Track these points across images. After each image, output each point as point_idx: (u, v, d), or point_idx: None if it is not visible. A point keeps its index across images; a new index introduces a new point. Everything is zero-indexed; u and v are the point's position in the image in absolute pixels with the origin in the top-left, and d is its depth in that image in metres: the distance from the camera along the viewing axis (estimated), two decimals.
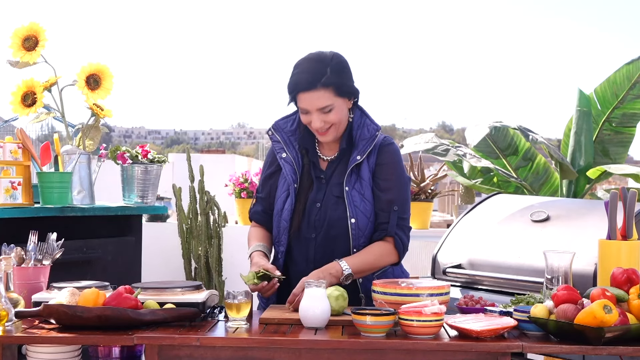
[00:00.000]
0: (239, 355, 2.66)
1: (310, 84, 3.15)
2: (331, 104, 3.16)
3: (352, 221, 3.23)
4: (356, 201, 3.23)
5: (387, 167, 3.27)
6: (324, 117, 3.17)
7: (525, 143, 6.28)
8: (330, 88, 3.15)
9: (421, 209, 6.04)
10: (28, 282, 3.13)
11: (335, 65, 3.18)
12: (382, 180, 3.26)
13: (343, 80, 3.19)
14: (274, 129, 3.38)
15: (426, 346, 2.58)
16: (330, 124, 3.19)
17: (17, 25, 4.16)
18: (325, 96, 3.15)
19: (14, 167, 3.97)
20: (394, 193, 3.27)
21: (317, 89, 3.14)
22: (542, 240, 3.64)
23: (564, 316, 2.57)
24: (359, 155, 3.24)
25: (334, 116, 3.18)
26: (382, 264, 3.27)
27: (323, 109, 3.16)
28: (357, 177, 3.25)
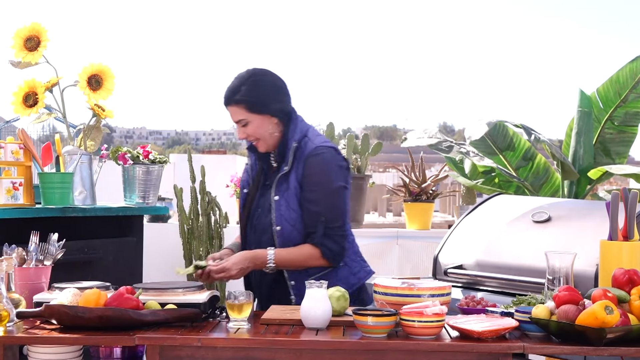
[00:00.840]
0: (240, 355, 2.66)
1: (226, 100, 3.42)
2: (244, 119, 3.39)
3: (277, 228, 3.40)
4: (282, 209, 3.40)
5: (311, 177, 3.39)
6: (243, 130, 3.41)
7: (525, 142, 6.28)
8: (242, 105, 3.37)
9: (422, 210, 6.05)
10: (29, 283, 3.13)
11: (250, 84, 3.39)
12: (308, 192, 3.39)
13: (257, 98, 3.38)
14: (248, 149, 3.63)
15: (427, 347, 2.58)
16: (252, 136, 3.41)
17: (19, 26, 4.16)
18: (239, 112, 3.39)
19: (15, 167, 3.97)
20: (320, 204, 3.38)
21: (231, 105, 3.40)
22: (543, 241, 3.64)
23: (566, 317, 2.56)
24: (286, 165, 3.42)
25: (251, 130, 3.40)
26: (310, 265, 3.39)
27: (239, 122, 3.40)
28: (287, 187, 3.41)
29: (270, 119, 3.40)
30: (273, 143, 3.44)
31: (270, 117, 3.40)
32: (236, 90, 3.38)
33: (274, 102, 3.41)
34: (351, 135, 6.04)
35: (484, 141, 6.18)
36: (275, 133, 3.43)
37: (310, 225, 3.37)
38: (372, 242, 5.88)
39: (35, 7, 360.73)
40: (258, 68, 3.48)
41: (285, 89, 3.48)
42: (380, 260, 5.86)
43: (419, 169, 6.16)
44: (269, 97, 3.40)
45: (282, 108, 3.43)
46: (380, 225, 7.33)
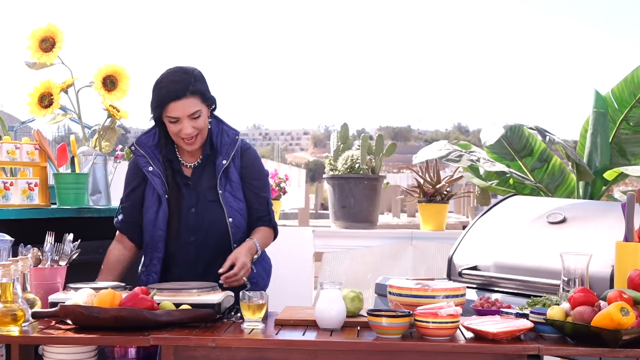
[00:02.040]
0: (254, 356, 2.66)
1: (180, 92, 3.37)
2: (199, 110, 3.40)
3: (229, 220, 3.50)
4: (230, 202, 3.51)
5: (252, 168, 3.60)
6: (193, 123, 3.39)
7: (541, 144, 6.25)
8: (198, 95, 3.40)
9: (437, 211, 6.03)
10: (44, 283, 3.14)
11: (197, 76, 3.44)
12: (254, 180, 3.60)
13: (205, 88, 3.46)
14: (137, 145, 3.59)
15: (442, 348, 2.58)
16: (198, 130, 3.41)
17: (34, 27, 4.17)
18: (194, 102, 3.39)
19: (30, 168, 3.99)
20: (266, 190, 3.65)
21: (187, 96, 3.37)
22: (558, 242, 3.62)
23: (581, 318, 2.55)
24: (224, 159, 3.51)
25: (201, 122, 3.42)
26: (269, 243, 3.67)
27: (193, 115, 3.38)
28: (227, 180, 3.52)
29: (208, 111, 3.48)
30: (205, 136, 3.50)
31: (208, 108, 3.48)
32: (189, 81, 3.39)
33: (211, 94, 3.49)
34: (365, 136, 6.03)
35: (499, 143, 6.16)
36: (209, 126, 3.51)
37: (260, 210, 3.60)
38: (386, 243, 5.87)
39: (50, 8, 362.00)
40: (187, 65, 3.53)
41: None
42: (394, 261, 5.85)
43: (434, 169, 6.15)
44: (209, 90, 3.49)
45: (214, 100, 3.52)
46: (395, 226, 7.34)
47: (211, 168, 3.52)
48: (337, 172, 6.00)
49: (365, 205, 5.98)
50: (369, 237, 5.92)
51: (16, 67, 5.84)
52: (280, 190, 5.81)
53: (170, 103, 3.36)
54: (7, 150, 3.86)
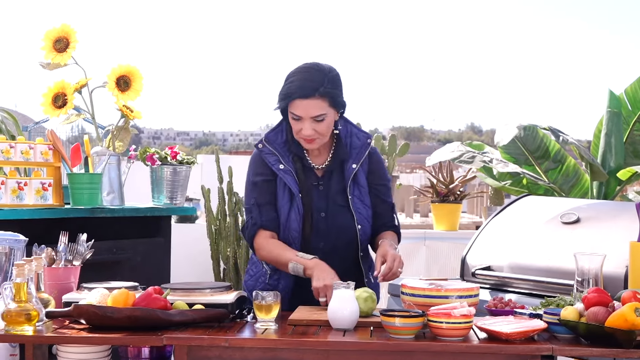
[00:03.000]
0: (267, 356, 2.67)
1: (309, 92, 3.22)
2: (324, 114, 3.25)
3: (358, 227, 3.39)
4: (359, 208, 3.39)
5: (379, 172, 3.48)
6: (315, 126, 3.25)
7: (555, 145, 6.24)
8: (326, 98, 3.24)
9: (450, 211, 6.03)
10: (58, 283, 3.15)
11: (332, 77, 3.29)
12: (380, 186, 3.47)
13: (337, 92, 3.30)
14: (266, 142, 3.43)
15: (455, 348, 2.57)
16: (319, 134, 3.28)
17: (48, 27, 4.19)
18: (320, 105, 3.24)
19: (44, 168, 4.01)
20: (390, 195, 3.52)
21: (315, 97, 3.22)
22: (572, 243, 3.62)
23: (595, 319, 2.55)
24: (354, 163, 3.38)
25: (324, 126, 3.27)
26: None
27: (316, 117, 3.24)
28: (356, 185, 3.40)
29: (336, 115, 3.34)
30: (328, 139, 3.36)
31: (336, 113, 3.33)
32: (321, 82, 3.23)
33: (343, 97, 3.35)
34: (378, 136, 6.04)
35: (514, 144, 6.15)
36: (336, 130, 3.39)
37: (385, 216, 3.46)
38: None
39: (64, 9, 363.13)
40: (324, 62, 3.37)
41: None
42: (407, 261, 5.83)
43: (447, 170, 6.14)
44: (341, 92, 3.34)
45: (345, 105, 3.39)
46: (408, 226, 7.31)
47: (340, 171, 3.39)
48: None
49: None
50: None
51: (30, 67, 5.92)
52: None
53: (295, 100, 3.23)
54: (21, 150, 3.88)
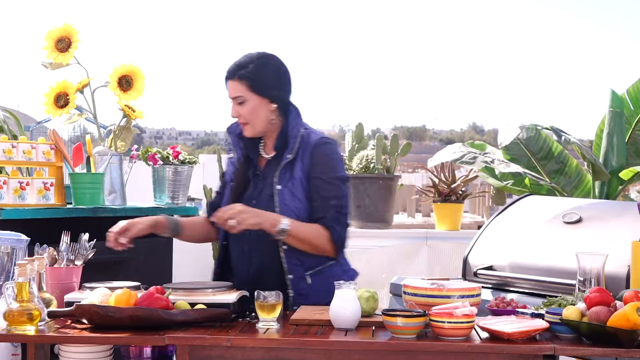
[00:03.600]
0: (269, 355, 2.66)
1: (230, 73, 3.35)
2: (242, 96, 3.32)
3: None
4: (287, 199, 3.34)
5: (321, 166, 3.36)
6: (237, 108, 3.35)
7: (558, 146, 6.23)
8: (245, 82, 3.32)
9: (452, 210, 6.02)
10: (60, 282, 3.15)
11: (260, 64, 3.35)
12: (317, 179, 3.35)
13: (261, 78, 3.34)
14: (227, 132, 3.55)
15: (457, 348, 2.57)
16: (244, 118, 3.35)
17: (50, 27, 4.19)
18: (239, 88, 3.32)
19: (46, 168, 4.01)
20: (331, 191, 3.35)
21: (234, 79, 3.33)
22: (574, 242, 3.61)
23: (597, 318, 2.54)
24: (289, 154, 3.36)
25: (246, 110, 3.34)
26: (317, 244, 3.31)
27: (236, 99, 3.34)
28: (290, 176, 3.36)
29: (268, 105, 3.36)
30: (261, 129, 3.39)
31: (269, 102, 3.35)
32: (243, 66, 3.34)
33: (277, 88, 3.38)
34: (380, 135, 6.03)
35: (516, 145, 6.15)
36: (272, 119, 3.38)
37: (320, 211, 3.33)
38: (401, 243, 5.87)
39: (66, 8, 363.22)
40: (268, 52, 3.44)
41: (289, 79, 3.45)
42: (409, 261, 5.85)
43: (449, 169, 6.14)
44: (273, 81, 3.37)
45: (283, 96, 3.40)
46: (410, 225, 7.31)
47: (278, 162, 3.40)
48: (352, 172, 6.00)
49: (380, 205, 5.98)
50: (383, 237, 5.92)
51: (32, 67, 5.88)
52: None
53: (226, 81, 3.38)
54: (23, 150, 3.88)
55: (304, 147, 3.37)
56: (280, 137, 3.40)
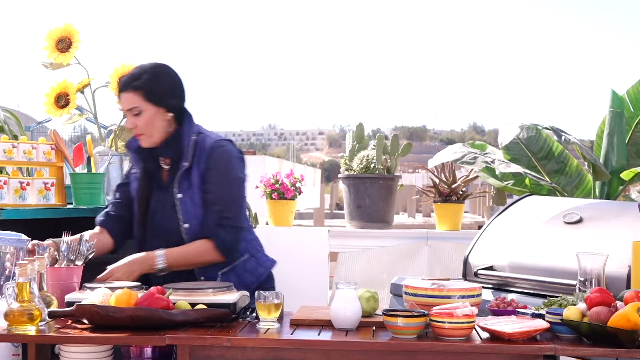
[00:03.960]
0: (270, 356, 2.67)
1: (124, 85, 3.38)
2: (138, 107, 3.34)
3: (185, 226, 3.40)
4: (189, 207, 3.39)
5: (212, 170, 3.39)
6: (133, 120, 3.36)
7: (558, 146, 6.23)
8: (140, 92, 3.34)
9: (452, 211, 6.02)
10: (61, 282, 3.15)
11: (153, 74, 3.38)
12: (207, 183, 3.39)
13: (156, 88, 3.36)
14: (126, 147, 3.59)
15: (458, 348, 2.57)
16: (141, 129, 3.36)
17: (51, 27, 4.19)
18: (134, 99, 3.35)
19: (47, 168, 4.01)
20: (216, 194, 3.38)
21: (128, 91, 3.36)
22: (574, 242, 3.61)
23: (597, 319, 2.54)
24: (185, 161, 3.39)
25: (142, 120, 3.35)
26: (203, 260, 3.38)
27: (131, 110, 3.35)
28: (189, 184, 3.39)
29: (164, 114, 3.38)
30: (158, 139, 3.40)
31: (165, 111, 3.38)
32: (137, 77, 3.36)
33: (172, 97, 3.41)
34: (381, 135, 6.03)
35: (517, 145, 6.14)
36: (168, 129, 3.41)
37: (206, 220, 3.38)
38: (401, 243, 5.86)
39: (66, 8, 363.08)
40: (161, 62, 3.47)
41: (183, 87, 3.49)
42: (409, 261, 5.84)
43: (449, 169, 6.14)
44: (169, 91, 3.40)
45: (179, 104, 3.43)
46: (410, 226, 7.33)
47: (176, 171, 3.43)
48: (352, 172, 6.00)
49: (381, 205, 5.97)
50: (384, 237, 5.91)
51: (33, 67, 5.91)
52: (295, 190, 5.81)
53: (119, 94, 3.40)
54: (23, 150, 3.88)
55: (199, 152, 3.40)
56: (175, 145, 3.42)
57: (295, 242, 5.83)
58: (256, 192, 6.02)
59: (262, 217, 6.01)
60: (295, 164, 26.21)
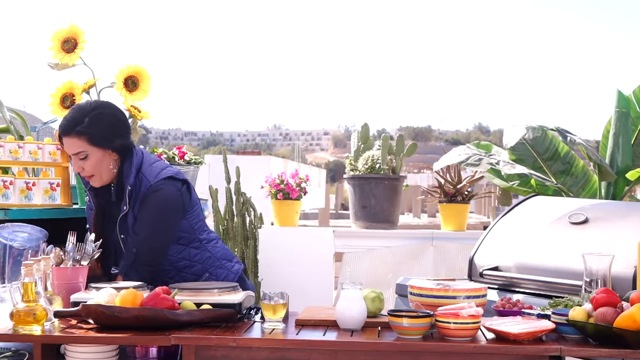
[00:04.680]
0: (275, 356, 2.67)
1: (65, 130, 3.37)
2: (84, 151, 3.36)
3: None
4: (130, 247, 3.42)
5: (142, 213, 3.42)
6: (81, 164, 3.38)
7: (564, 147, 6.22)
8: (84, 137, 3.34)
9: (458, 211, 6.01)
10: (66, 282, 3.15)
11: (94, 116, 3.36)
12: (136, 226, 3.42)
13: (100, 131, 3.35)
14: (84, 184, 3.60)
15: (463, 349, 2.57)
16: (88, 171, 3.38)
17: (56, 28, 4.19)
18: (78, 144, 3.35)
19: (52, 168, 4.01)
20: (139, 238, 3.41)
21: (71, 136, 3.35)
22: (580, 243, 3.61)
23: (603, 319, 2.54)
24: (125, 205, 3.43)
25: (90, 164, 3.38)
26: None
27: (78, 155, 3.37)
28: (127, 226, 3.44)
29: (111, 155, 3.41)
30: (108, 179, 3.45)
31: (112, 152, 3.40)
32: (79, 121, 3.36)
33: (117, 137, 3.41)
34: (386, 136, 6.03)
35: (522, 146, 6.14)
36: (114, 169, 3.43)
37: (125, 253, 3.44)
38: (406, 244, 5.86)
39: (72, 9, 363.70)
40: (101, 101, 3.50)
41: (127, 123, 3.50)
42: (415, 262, 5.84)
43: (454, 170, 6.13)
44: (112, 132, 3.40)
45: (123, 143, 3.44)
46: (415, 226, 7.33)
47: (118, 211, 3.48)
48: (357, 173, 6.00)
49: (386, 206, 5.97)
50: (389, 238, 5.91)
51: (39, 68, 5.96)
52: (300, 191, 5.81)
53: (62, 138, 3.40)
54: (29, 150, 3.89)
55: (135, 196, 3.42)
56: (117, 187, 3.46)
57: (301, 243, 5.83)
58: (261, 192, 6.03)
59: (267, 217, 6.01)
60: (300, 164, 26.24)
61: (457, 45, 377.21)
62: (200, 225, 3.59)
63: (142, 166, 3.45)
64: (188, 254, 3.53)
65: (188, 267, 3.53)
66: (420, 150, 11.02)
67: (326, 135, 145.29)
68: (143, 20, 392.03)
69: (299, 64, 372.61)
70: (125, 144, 3.45)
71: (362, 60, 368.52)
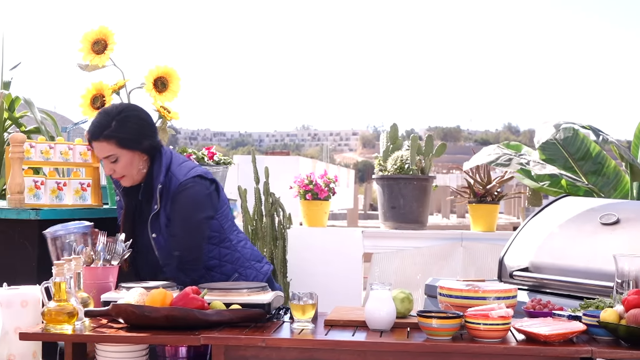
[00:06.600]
0: (304, 356, 2.67)
1: (94, 135, 3.43)
2: (114, 154, 3.40)
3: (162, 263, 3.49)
4: (162, 244, 3.47)
5: (174, 213, 3.46)
6: (112, 166, 3.44)
7: (596, 147, 6.17)
8: (113, 141, 3.40)
9: (487, 212, 5.98)
10: (97, 282, 3.18)
11: (121, 120, 3.41)
12: (171, 227, 3.47)
13: (127, 134, 3.40)
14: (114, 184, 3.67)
15: (493, 350, 2.56)
16: (120, 173, 3.43)
17: (87, 29, 4.22)
18: (108, 147, 3.41)
19: (83, 168, 4.04)
20: (177, 239, 3.46)
21: (99, 140, 3.41)
22: (611, 244, 3.57)
23: (635, 321, 2.52)
24: (155, 204, 3.46)
25: (121, 166, 3.44)
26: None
27: (108, 158, 3.42)
28: (159, 224, 3.47)
29: (140, 156, 3.45)
30: (139, 178, 3.49)
31: (141, 153, 3.44)
32: (106, 126, 3.41)
33: (144, 138, 3.45)
34: (415, 136, 6.01)
35: (553, 145, 6.09)
36: (143, 169, 3.48)
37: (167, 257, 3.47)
38: (436, 244, 5.84)
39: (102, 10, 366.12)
40: (127, 104, 3.52)
41: (153, 124, 3.55)
42: (444, 262, 5.82)
43: (484, 170, 6.10)
44: (140, 134, 3.44)
45: (151, 143, 3.48)
46: (444, 226, 7.30)
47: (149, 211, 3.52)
48: (386, 173, 5.99)
49: (415, 206, 5.95)
50: (418, 238, 5.89)
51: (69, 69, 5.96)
52: (329, 191, 5.81)
53: (90, 142, 3.46)
54: (60, 151, 3.92)
55: (166, 195, 3.46)
56: (147, 187, 3.51)
57: (329, 243, 5.83)
58: (290, 193, 6.03)
59: (296, 218, 6.01)
60: (328, 164, 26.22)
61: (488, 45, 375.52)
62: (229, 225, 3.62)
63: (172, 165, 3.50)
64: (219, 254, 3.54)
65: (218, 266, 3.54)
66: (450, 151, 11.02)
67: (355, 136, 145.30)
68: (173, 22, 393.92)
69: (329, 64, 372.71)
70: (153, 144, 3.49)
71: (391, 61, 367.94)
